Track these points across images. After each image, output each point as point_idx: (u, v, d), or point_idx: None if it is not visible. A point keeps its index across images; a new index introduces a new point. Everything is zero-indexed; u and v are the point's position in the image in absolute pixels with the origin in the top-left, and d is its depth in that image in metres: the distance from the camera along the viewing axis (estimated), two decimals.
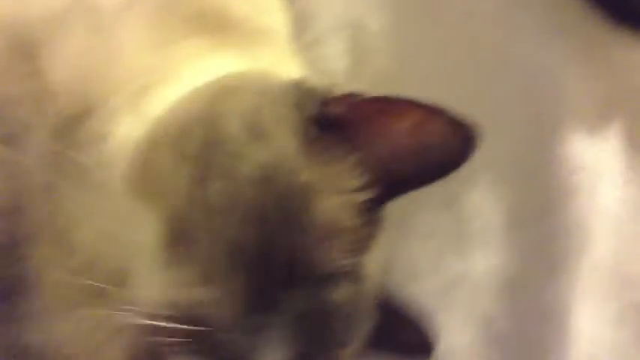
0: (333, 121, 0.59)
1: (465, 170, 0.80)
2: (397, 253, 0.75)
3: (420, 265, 0.75)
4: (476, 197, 0.79)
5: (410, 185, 0.60)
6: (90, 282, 0.54)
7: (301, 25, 0.79)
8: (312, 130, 0.59)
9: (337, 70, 0.80)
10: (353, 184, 0.60)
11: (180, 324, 0.50)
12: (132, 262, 0.54)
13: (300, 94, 0.60)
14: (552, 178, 0.75)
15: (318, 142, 0.59)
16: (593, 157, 0.75)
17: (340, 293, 0.58)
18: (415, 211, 0.76)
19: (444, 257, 0.78)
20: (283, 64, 0.67)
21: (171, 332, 0.51)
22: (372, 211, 0.60)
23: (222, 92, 0.60)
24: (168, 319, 0.50)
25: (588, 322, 0.67)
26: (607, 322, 0.67)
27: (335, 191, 0.59)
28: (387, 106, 0.59)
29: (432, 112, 0.57)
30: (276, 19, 0.71)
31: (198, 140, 0.55)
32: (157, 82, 0.60)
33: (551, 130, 0.78)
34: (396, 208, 0.66)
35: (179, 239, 0.53)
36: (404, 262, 0.76)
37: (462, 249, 0.78)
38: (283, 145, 0.58)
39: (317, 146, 0.59)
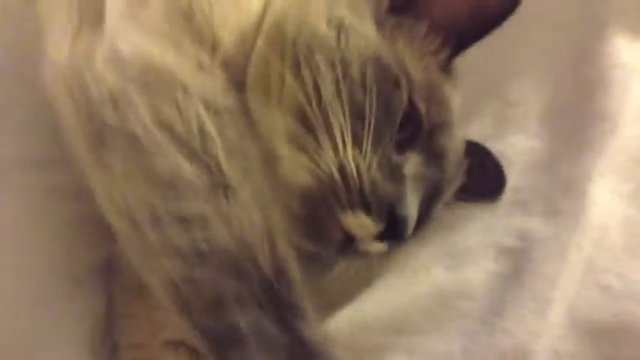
0: (402, 3, 0.73)
1: (515, 60, 0.89)
2: None
3: None
4: (522, 85, 0.88)
5: (472, 39, 0.74)
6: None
7: None
8: (388, 16, 0.72)
9: None
10: (430, 48, 0.73)
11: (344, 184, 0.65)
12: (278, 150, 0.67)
13: None
14: (592, 72, 0.83)
15: (393, 23, 0.73)
16: (630, 55, 0.82)
17: (446, 137, 0.74)
18: (465, 97, 0.84)
19: (487, 138, 0.87)
20: None
21: (337, 192, 0.65)
22: (447, 67, 0.75)
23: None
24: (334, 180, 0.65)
25: (606, 195, 0.75)
26: (622, 198, 0.75)
27: (419, 57, 0.73)
28: None
29: None
30: None
31: (299, 46, 0.67)
32: None
33: (596, 30, 0.85)
34: None
35: (308, 124, 0.65)
36: None
37: (502, 131, 0.87)
38: (368, 33, 0.70)
39: (393, 26, 0.72)
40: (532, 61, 0.87)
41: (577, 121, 0.81)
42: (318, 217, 0.67)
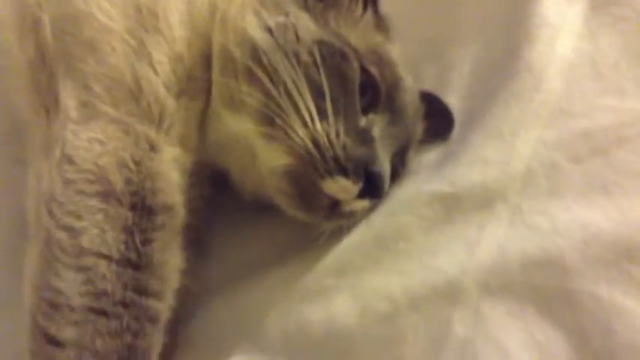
0: None
1: (452, 25, 0.96)
2: None
3: None
4: (458, 48, 0.94)
5: None
6: None
7: None
8: (315, 3, 0.84)
9: None
10: (357, 13, 0.85)
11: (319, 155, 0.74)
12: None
13: None
14: (520, 31, 0.88)
15: (321, 7, 0.84)
16: (558, 15, 0.88)
17: (402, 93, 0.84)
18: (407, 64, 0.90)
19: None
20: None
21: (314, 163, 0.74)
22: (379, 24, 0.87)
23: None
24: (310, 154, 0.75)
25: (532, 144, 0.79)
26: (547, 145, 0.79)
27: (353, 25, 0.83)
28: None
29: None
30: None
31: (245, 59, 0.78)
32: None
33: None
34: None
35: (272, 117, 0.75)
36: None
37: (442, 93, 0.96)
38: (303, 24, 0.81)
39: (322, 9, 0.84)
40: (467, 25, 0.94)
41: (505, 77, 0.87)
42: (304, 190, 0.77)
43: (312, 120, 0.75)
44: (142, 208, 0.71)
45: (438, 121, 0.92)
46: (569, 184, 0.76)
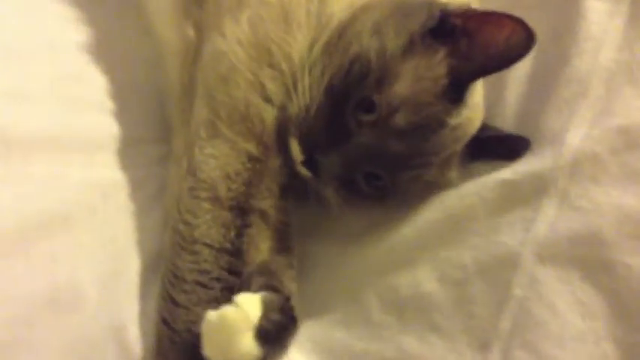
0: (448, 29, 0.90)
1: None
2: None
3: None
4: None
5: (488, 73, 0.93)
6: None
7: None
8: (425, 37, 0.90)
9: None
10: (435, 74, 0.90)
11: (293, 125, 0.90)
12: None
13: (429, 9, 0.92)
14: (570, 43, 1.02)
15: (424, 43, 0.91)
16: (600, 29, 1.00)
17: (401, 144, 0.91)
18: None
19: (489, 103, 1.07)
20: None
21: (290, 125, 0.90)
22: (452, 93, 0.91)
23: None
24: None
25: (578, 140, 0.92)
26: (591, 140, 0.91)
27: (417, 76, 0.90)
28: (491, 18, 0.89)
29: (518, 21, 0.84)
30: None
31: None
32: None
33: (572, 7, 1.03)
34: None
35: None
36: None
37: (501, 94, 1.08)
38: (389, 40, 0.90)
39: (421, 45, 0.91)
40: None
41: (557, 83, 1.00)
42: (283, 138, 0.92)
43: (310, 98, 0.90)
44: (238, 209, 0.91)
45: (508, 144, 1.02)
46: (607, 172, 0.87)
